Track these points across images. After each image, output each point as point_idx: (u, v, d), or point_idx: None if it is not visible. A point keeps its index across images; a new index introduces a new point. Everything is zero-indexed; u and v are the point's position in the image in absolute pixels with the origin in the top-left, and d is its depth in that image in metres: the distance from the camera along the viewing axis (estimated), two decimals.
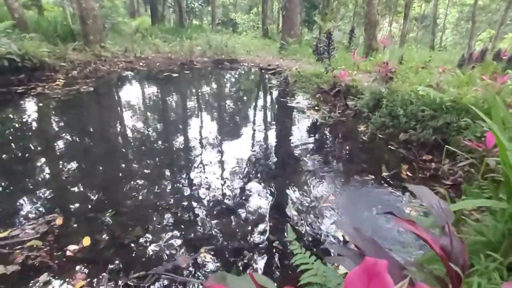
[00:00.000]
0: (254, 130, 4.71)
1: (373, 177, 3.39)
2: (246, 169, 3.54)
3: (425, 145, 3.96)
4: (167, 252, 2.32)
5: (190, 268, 2.17)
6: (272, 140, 4.43)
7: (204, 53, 9.12)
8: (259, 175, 3.43)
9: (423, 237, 0.90)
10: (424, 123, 4.04)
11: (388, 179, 3.35)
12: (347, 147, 4.25)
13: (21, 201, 2.83)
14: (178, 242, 2.42)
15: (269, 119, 5.34)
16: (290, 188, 3.20)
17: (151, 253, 2.32)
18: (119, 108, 5.52)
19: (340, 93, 5.53)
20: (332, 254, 2.24)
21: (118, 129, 4.61)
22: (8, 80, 6.17)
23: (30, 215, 2.63)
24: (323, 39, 5.92)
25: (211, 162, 3.66)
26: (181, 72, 7.61)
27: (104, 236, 2.44)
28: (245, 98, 6.40)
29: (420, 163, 3.68)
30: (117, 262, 2.21)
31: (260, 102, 6.20)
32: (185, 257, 2.26)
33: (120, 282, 2.04)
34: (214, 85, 7.12)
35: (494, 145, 2.97)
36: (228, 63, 8.24)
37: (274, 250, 2.35)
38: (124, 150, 4.01)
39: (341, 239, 2.43)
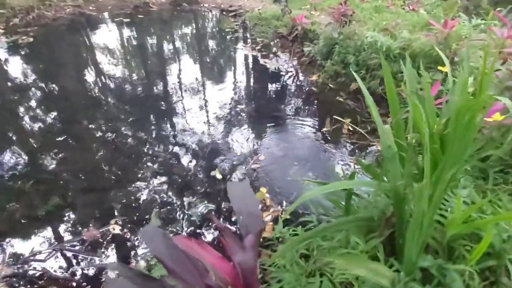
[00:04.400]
0: (195, 81, 4.44)
1: (313, 133, 3.27)
2: (179, 124, 3.36)
3: (373, 96, 3.78)
4: (80, 223, 2.25)
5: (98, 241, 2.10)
6: (213, 91, 4.17)
7: None
8: (190, 128, 3.27)
9: (203, 261, 0.76)
10: (374, 72, 3.83)
11: (327, 135, 3.23)
12: (294, 99, 4.06)
13: None
14: (93, 213, 2.34)
15: (214, 68, 5.01)
16: (222, 142, 3.07)
17: (63, 225, 2.24)
18: (58, 62, 5.09)
19: (298, 38, 5.17)
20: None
21: (52, 88, 4.27)
22: None
23: None
24: None
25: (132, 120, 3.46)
26: (134, 16, 6.98)
27: (20, 207, 2.34)
28: (194, 46, 5.97)
29: (366, 115, 3.54)
30: (25, 236, 2.13)
31: (210, 51, 5.79)
32: (92, 231, 2.17)
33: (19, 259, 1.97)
34: (167, 32, 6.59)
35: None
36: (186, 4, 7.56)
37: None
38: (51, 110, 3.73)
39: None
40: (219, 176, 2.68)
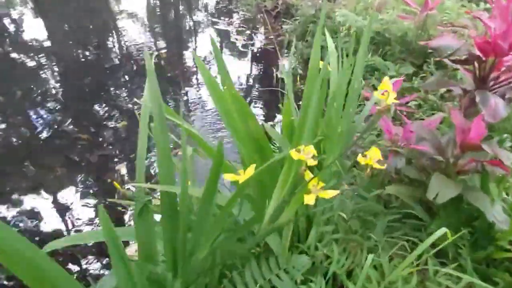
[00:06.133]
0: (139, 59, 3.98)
1: None
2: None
3: None
4: None
5: None
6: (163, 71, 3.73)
7: None
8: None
9: None
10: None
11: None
12: (253, 87, 3.57)
13: None
14: None
15: (174, 43, 4.51)
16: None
17: None
18: None
19: (280, 14, 4.59)
20: None
21: None
22: None
23: None
24: None
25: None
26: None
27: None
28: (163, 19, 5.46)
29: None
30: None
31: (180, 23, 5.27)
32: None
33: None
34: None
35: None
36: None
37: None
38: None
39: None
40: (124, 171, 2.30)
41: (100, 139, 2.68)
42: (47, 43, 4.16)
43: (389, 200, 1.32)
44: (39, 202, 2.12)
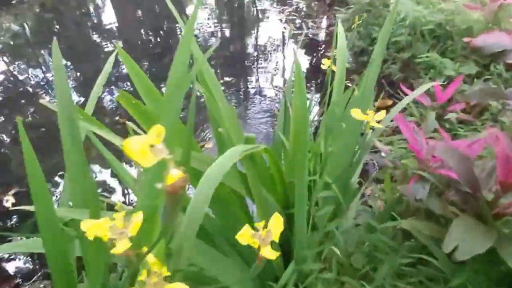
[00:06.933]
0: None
1: None
2: None
3: (392, 85, 2.88)
4: None
5: None
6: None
7: None
8: None
9: None
10: (399, 54, 2.90)
11: None
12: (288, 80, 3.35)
13: None
14: None
15: (222, 29, 4.41)
16: None
17: None
18: None
19: (335, 3, 4.26)
20: None
21: None
22: None
23: None
24: None
25: None
26: None
27: None
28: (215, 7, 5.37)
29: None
30: None
31: (231, 12, 5.14)
32: None
33: None
34: None
35: (447, 101, 1.97)
36: None
37: None
38: None
39: None
40: None
41: None
42: (114, 28, 4.35)
43: (410, 234, 1.09)
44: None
